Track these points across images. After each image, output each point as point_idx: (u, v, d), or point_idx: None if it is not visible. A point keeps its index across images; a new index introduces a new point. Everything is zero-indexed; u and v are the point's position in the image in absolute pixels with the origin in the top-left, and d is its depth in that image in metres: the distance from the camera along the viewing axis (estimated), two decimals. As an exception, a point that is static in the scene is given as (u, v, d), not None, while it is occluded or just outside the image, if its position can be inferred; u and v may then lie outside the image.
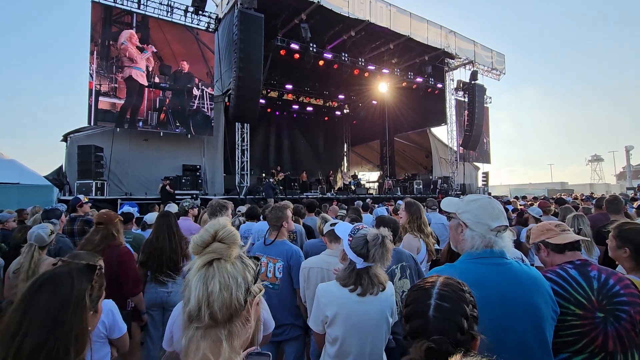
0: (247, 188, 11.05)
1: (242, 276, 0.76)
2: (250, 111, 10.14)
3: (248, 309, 0.76)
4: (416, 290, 0.93)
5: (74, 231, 3.84)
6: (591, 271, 1.43)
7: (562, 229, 1.58)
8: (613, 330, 1.31)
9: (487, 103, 17.89)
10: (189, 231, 3.69)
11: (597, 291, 1.37)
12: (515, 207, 7.69)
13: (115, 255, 2.52)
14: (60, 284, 0.95)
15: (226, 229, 0.79)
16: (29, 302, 0.92)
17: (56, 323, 0.91)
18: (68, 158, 9.38)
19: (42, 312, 0.91)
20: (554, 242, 1.55)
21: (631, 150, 43.86)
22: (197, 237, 0.79)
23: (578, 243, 1.55)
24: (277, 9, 11.27)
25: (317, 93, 19.68)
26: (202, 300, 0.70)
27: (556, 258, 1.55)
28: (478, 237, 1.32)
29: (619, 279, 1.40)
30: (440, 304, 0.85)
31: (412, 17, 13.36)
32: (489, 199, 1.38)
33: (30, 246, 2.24)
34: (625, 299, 1.33)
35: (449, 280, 0.92)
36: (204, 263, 0.75)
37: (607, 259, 2.73)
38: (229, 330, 0.73)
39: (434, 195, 14.43)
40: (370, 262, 1.57)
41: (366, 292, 1.59)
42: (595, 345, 1.32)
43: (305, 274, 2.23)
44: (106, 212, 2.72)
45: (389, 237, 1.63)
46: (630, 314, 1.31)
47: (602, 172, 61.51)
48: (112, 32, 9.50)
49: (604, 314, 1.33)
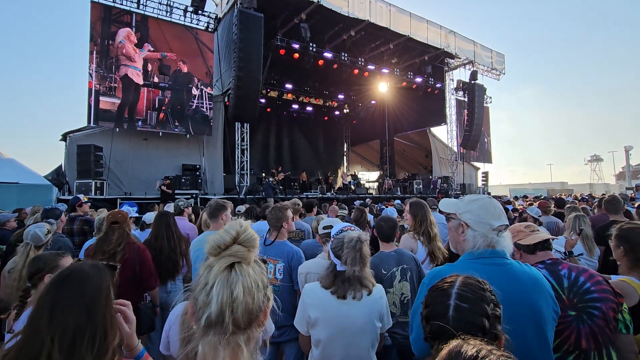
0: (246, 188, 11.04)
1: (261, 280, 0.74)
2: (250, 111, 10.13)
3: (265, 312, 0.75)
4: (435, 290, 0.92)
5: (73, 231, 3.84)
6: (561, 270, 1.45)
7: (531, 230, 1.61)
8: (586, 328, 1.32)
9: (487, 103, 17.89)
10: (183, 230, 3.68)
11: (568, 289, 1.39)
12: (514, 207, 7.69)
13: (135, 252, 2.55)
14: (86, 276, 0.95)
15: (247, 231, 0.77)
16: (57, 294, 0.90)
17: (90, 310, 0.90)
18: (67, 157, 9.37)
19: (75, 301, 0.90)
20: (524, 244, 1.57)
21: (630, 150, 43.88)
22: (216, 238, 0.76)
23: (548, 242, 1.57)
24: (276, 8, 11.25)
25: (316, 93, 19.67)
26: (226, 306, 0.68)
27: (529, 259, 1.56)
28: (480, 237, 1.31)
29: (590, 275, 1.40)
30: (460, 304, 0.83)
31: (412, 17, 13.36)
32: (490, 199, 1.38)
33: (26, 245, 2.22)
34: (596, 296, 1.34)
35: (469, 280, 0.90)
36: (225, 266, 0.72)
37: (607, 259, 2.73)
38: (247, 335, 0.71)
39: (434, 195, 14.42)
40: (343, 264, 1.55)
41: (345, 295, 1.55)
42: (569, 343, 1.33)
43: (303, 279, 2.21)
44: (119, 211, 2.72)
45: (366, 242, 1.61)
46: (603, 311, 1.32)
47: (601, 172, 61.60)
48: (112, 31, 9.48)
49: (576, 312, 1.35)
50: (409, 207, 2.86)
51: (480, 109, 15.95)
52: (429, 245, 2.68)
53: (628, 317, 1.36)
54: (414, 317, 1.37)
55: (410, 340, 1.40)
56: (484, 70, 17.20)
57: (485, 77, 17.49)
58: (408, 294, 2.18)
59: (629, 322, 1.35)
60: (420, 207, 2.82)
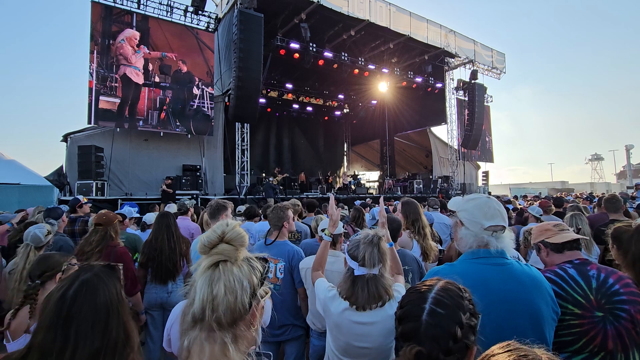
0: (247, 188, 11.05)
1: (247, 279, 0.74)
2: (250, 111, 10.14)
3: (254, 312, 0.75)
4: (412, 292, 0.91)
5: (75, 232, 3.84)
6: (590, 270, 1.42)
7: (560, 229, 1.58)
8: (613, 329, 1.30)
9: (487, 102, 17.87)
10: (188, 230, 3.69)
11: (596, 290, 1.36)
12: (515, 207, 7.69)
13: (113, 255, 2.53)
14: (95, 288, 0.91)
15: (234, 230, 0.78)
16: (69, 314, 0.85)
17: (107, 327, 0.87)
18: (68, 158, 9.38)
19: (90, 320, 0.86)
20: (552, 242, 1.54)
21: (631, 149, 43.77)
22: (204, 237, 0.78)
23: (577, 242, 1.54)
24: (276, 8, 11.26)
25: (317, 93, 19.65)
26: (206, 303, 0.70)
27: (555, 258, 1.54)
28: (471, 236, 1.32)
29: (619, 277, 1.38)
30: (435, 309, 0.82)
31: (412, 16, 13.35)
32: (488, 198, 1.37)
33: (27, 246, 2.22)
34: (624, 298, 1.32)
35: (449, 285, 0.88)
36: (210, 264, 0.74)
37: (606, 258, 2.73)
38: (233, 333, 0.71)
39: (434, 194, 14.42)
40: (361, 265, 1.43)
41: (365, 306, 1.42)
42: (595, 344, 1.31)
43: (304, 274, 2.25)
44: (105, 213, 2.72)
45: (384, 238, 1.52)
46: (631, 313, 1.30)
47: (602, 171, 61.48)
48: (112, 31, 9.49)
49: (603, 313, 1.32)
50: (401, 207, 2.85)
51: (481, 108, 15.93)
52: (422, 243, 2.70)
53: None
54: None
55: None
56: (484, 70, 17.19)
57: (486, 76, 17.50)
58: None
59: None
60: (411, 206, 2.80)
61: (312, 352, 2.28)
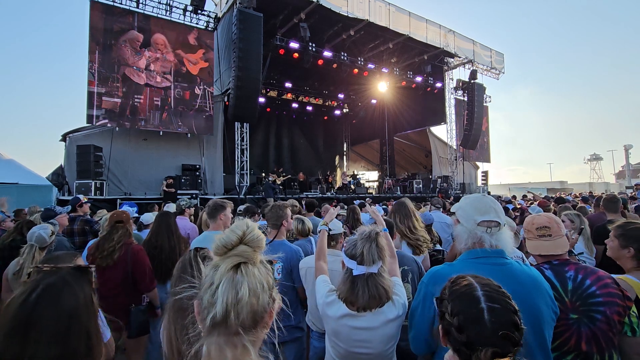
0: (246, 188, 11.04)
1: (266, 281, 0.74)
2: (250, 110, 10.13)
3: (271, 314, 0.74)
4: (458, 297, 0.86)
5: (74, 231, 3.84)
6: (568, 271, 1.41)
7: (540, 234, 1.57)
8: (588, 331, 1.30)
9: (486, 102, 17.88)
10: (184, 230, 3.68)
11: (572, 292, 1.37)
12: (515, 206, 7.69)
13: (129, 252, 2.54)
14: (59, 293, 0.86)
15: (254, 232, 0.76)
16: (29, 320, 0.81)
17: (68, 335, 0.83)
18: (67, 158, 9.36)
19: (51, 327, 0.81)
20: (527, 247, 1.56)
21: (630, 149, 43.89)
22: (222, 237, 0.75)
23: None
24: (276, 8, 11.24)
25: (316, 92, 19.66)
26: (231, 306, 0.68)
27: (535, 257, 1.55)
28: (465, 233, 1.32)
29: (598, 278, 1.37)
30: (492, 305, 0.81)
31: (411, 16, 13.35)
32: (482, 195, 1.39)
33: (31, 247, 2.22)
34: (601, 300, 1.32)
35: (482, 280, 0.87)
36: (232, 266, 0.72)
37: (605, 258, 2.73)
38: (253, 336, 0.71)
39: (434, 194, 14.43)
40: (360, 263, 1.39)
41: (365, 307, 1.40)
42: (569, 346, 1.32)
43: (304, 274, 2.24)
44: (123, 211, 2.76)
45: (382, 234, 1.50)
46: (607, 315, 1.30)
47: (601, 171, 61.48)
48: (113, 31, 9.47)
49: (577, 315, 1.33)
50: (392, 208, 2.86)
51: (480, 108, 15.95)
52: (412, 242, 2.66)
53: (636, 321, 1.32)
54: (413, 316, 1.38)
55: (409, 338, 1.40)
56: (483, 70, 17.19)
57: (485, 76, 17.48)
58: (410, 296, 2.18)
59: (635, 326, 1.31)
60: (401, 206, 2.79)
61: (313, 354, 2.27)
